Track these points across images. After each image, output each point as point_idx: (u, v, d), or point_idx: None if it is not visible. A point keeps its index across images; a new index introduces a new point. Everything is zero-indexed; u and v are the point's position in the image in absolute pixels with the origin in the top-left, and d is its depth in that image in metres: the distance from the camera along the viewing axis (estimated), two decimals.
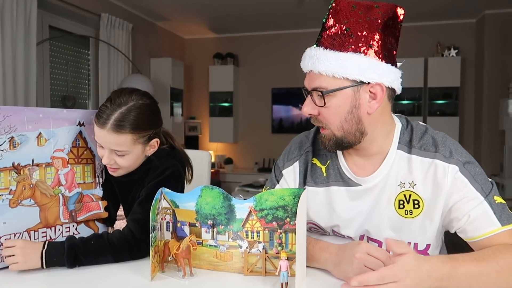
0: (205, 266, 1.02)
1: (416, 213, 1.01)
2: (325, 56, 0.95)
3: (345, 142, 1.00)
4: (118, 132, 1.12)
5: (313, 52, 0.98)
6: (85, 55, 4.41)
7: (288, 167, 1.16)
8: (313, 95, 0.99)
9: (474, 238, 0.96)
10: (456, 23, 5.39)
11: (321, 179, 1.10)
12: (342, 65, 0.93)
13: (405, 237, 1.03)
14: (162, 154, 1.25)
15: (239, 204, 0.98)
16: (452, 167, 0.97)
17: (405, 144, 1.04)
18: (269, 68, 6.03)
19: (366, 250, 0.89)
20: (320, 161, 1.12)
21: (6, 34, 3.15)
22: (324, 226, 1.11)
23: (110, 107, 1.13)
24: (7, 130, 1.03)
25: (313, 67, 0.96)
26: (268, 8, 4.89)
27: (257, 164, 6.14)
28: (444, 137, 1.03)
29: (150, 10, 5.03)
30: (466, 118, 5.42)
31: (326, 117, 0.99)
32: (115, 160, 1.16)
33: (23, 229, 1.07)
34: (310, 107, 1.00)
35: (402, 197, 1.02)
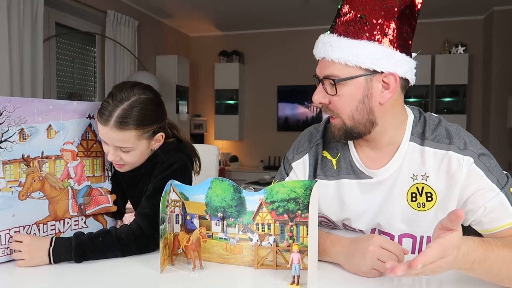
0: (215, 259, 1.01)
1: (429, 206, 1.00)
2: (339, 43, 0.93)
3: (355, 132, 0.98)
4: (122, 129, 1.10)
5: (327, 39, 0.96)
6: (91, 52, 4.42)
7: (298, 160, 1.14)
8: (324, 83, 0.97)
9: (490, 231, 0.95)
10: (464, 20, 5.35)
11: (332, 172, 1.09)
12: (356, 53, 0.91)
13: (417, 230, 1.02)
14: (169, 148, 1.24)
15: (249, 197, 0.97)
16: (466, 159, 0.96)
17: (418, 136, 1.02)
18: (275, 66, 6.01)
19: (379, 243, 0.88)
20: (330, 154, 1.10)
21: (13, 31, 3.16)
22: (335, 219, 1.10)
23: (112, 103, 1.10)
24: (17, 122, 1.03)
25: (326, 54, 0.95)
26: (274, 5, 4.88)
27: (263, 162, 6.13)
28: (458, 128, 1.01)
29: (156, 8, 5.03)
30: (474, 116, 5.38)
31: (337, 106, 0.97)
32: (121, 156, 1.15)
33: (32, 222, 1.07)
34: (321, 96, 0.98)
35: (414, 189, 1.00)
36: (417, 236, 1.03)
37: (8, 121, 1.01)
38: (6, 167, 1.02)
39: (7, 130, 1.01)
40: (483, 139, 5.27)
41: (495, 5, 4.87)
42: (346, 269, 0.94)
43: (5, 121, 1.01)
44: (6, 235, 1.02)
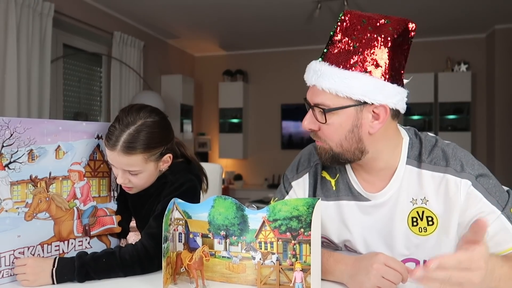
0: (217, 278, 1.02)
1: (430, 230, 0.99)
2: (330, 73, 0.93)
3: (342, 158, 0.99)
4: (129, 154, 1.11)
5: (318, 67, 0.95)
6: (97, 72, 4.50)
7: (298, 179, 1.15)
8: (314, 110, 0.97)
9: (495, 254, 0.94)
10: (466, 38, 5.40)
11: (331, 192, 1.09)
12: (347, 84, 0.91)
13: (421, 255, 1.01)
14: (178, 169, 1.24)
15: (252, 215, 0.98)
16: (464, 182, 0.94)
17: (414, 159, 1.01)
18: (278, 84, 6.07)
19: (384, 261, 0.87)
20: (329, 174, 1.10)
21: (21, 52, 3.24)
22: (337, 241, 1.10)
23: (118, 128, 1.12)
24: (26, 143, 1.05)
25: (317, 82, 0.95)
26: (277, 25, 4.96)
27: (267, 180, 6.13)
28: (454, 148, 1.00)
29: (161, 28, 5.13)
30: (478, 133, 5.37)
31: (326, 134, 0.98)
32: (129, 179, 1.16)
33: (37, 243, 1.08)
34: (311, 122, 0.99)
35: (415, 214, 0.99)
36: (420, 260, 1.02)
37: (18, 142, 1.03)
38: (13, 188, 1.04)
39: (17, 151, 1.04)
40: (488, 156, 5.25)
41: (497, 23, 4.92)
42: (350, 287, 0.94)
43: (15, 142, 1.03)
44: (10, 256, 1.03)
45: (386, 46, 0.91)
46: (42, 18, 3.42)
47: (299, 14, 4.57)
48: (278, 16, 4.62)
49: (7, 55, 3.13)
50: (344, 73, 0.91)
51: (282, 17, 4.66)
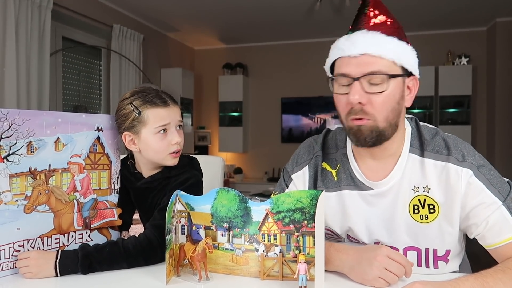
0: (221, 270, 1.01)
1: (432, 218, 0.99)
2: (385, 40, 0.92)
3: (384, 136, 0.96)
4: (175, 103, 1.22)
5: (369, 36, 0.93)
6: (97, 66, 4.47)
7: (298, 172, 1.14)
8: (362, 81, 0.92)
9: (493, 245, 0.94)
10: (467, 32, 5.37)
11: (332, 183, 1.08)
12: (403, 53, 0.94)
13: (422, 243, 1.01)
14: (182, 164, 1.25)
15: (255, 207, 0.97)
16: (465, 171, 0.95)
17: (417, 147, 1.02)
18: (279, 78, 6.04)
19: (387, 253, 0.88)
20: (330, 165, 1.10)
21: (20, 45, 3.21)
22: (339, 231, 1.09)
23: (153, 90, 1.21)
24: (25, 135, 1.04)
25: (372, 50, 0.91)
26: (277, 18, 4.93)
27: (267, 173, 6.12)
28: (455, 139, 1.01)
29: (161, 21, 5.09)
30: (479, 127, 5.36)
31: (375, 106, 0.92)
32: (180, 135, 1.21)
33: (37, 235, 1.07)
34: (362, 94, 0.91)
35: (416, 201, 1.00)
36: (422, 249, 1.02)
37: (16, 134, 1.02)
38: (12, 180, 1.03)
39: (15, 143, 1.02)
40: (488, 149, 5.24)
41: (498, 16, 4.89)
42: (351, 278, 0.94)
43: (13, 134, 1.02)
44: (10, 248, 1.03)
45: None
46: (41, 10, 3.39)
47: (299, 7, 4.53)
48: (278, 9, 4.58)
49: (6, 48, 3.10)
50: (401, 43, 0.94)
51: (282, 10, 4.63)
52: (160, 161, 1.20)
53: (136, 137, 1.19)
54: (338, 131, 1.15)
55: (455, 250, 1.02)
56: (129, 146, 1.21)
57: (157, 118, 1.17)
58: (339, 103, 0.97)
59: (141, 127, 1.17)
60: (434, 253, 1.01)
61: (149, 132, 1.17)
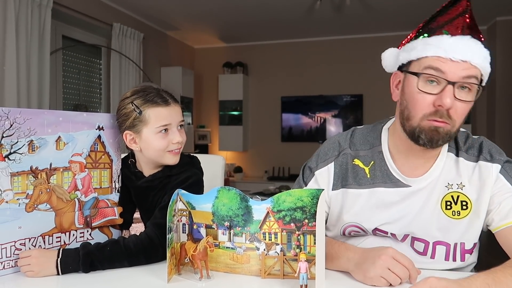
0: (221, 268, 1.01)
1: (464, 214, 1.03)
2: (481, 48, 0.94)
3: (453, 138, 1.01)
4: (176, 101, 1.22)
5: (473, 43, 0.94)
6: (97, 64, 4.47)
7: (322, 168, 1.13)
8: (456, 86, 0.92)
9: (498, 228, 0.99)
10: None
11: (365, 180, 1.08)
12: (487, 61, 0.95)
13: (451, 238, 1.04)
14: (183, 162, 1.25)
15: (256, 205, 0.97)
16: (495, 166, 1.02)
17: (453, 147, 1.07)
18: (279, 77, 6.04)
19: (393, 254, 0.89)
20: (363, 162, 1.10)
21: (21, 43, 3.21)
22: (367, 226, 1.09)
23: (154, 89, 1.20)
24: (26, 134, 1.04)
25: (473, 59, 0.92)
26: (278, 16, 4.92)
27: (267, 172, 6.12)
28: (485, 140, 1.08)
29: (160, 20, 5.09)
30: (479, 126, 5.36)
31: (460, 112, 0.95)
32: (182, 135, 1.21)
33: (38, 234, 1.07)
34: (453, 99, 0.92)
35: (449, 198, 1.03)
36: (451, 244, 1.05)
37: (18, 133, 1.02)
38: (14, 179, 1.03)
39: (17, 141, 1.03)
40: None
41: (498, 15, 4.89)
42: (354, 276, 0.94)
43: (14, 133, 1.02)
44: (12, 247, 1.03)
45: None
46: (41, 9, 3.38)
47: (299, 6, 4.53)
48: (279, 7, 4.58)
49: (6, 47, 3.10)
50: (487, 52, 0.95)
51: (282, 9, 4.63)
52: (160, 160, 1.21)
53: (137, 136, 1.19)
54: (368, 129, 1.15)
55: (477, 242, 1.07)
56: (130, 145, 1.22)
57: (159, 118, 1.17)
58: (421, 101, 0.95)
59: (142, 127, 1.17)
60: (461, 247, 1.04)
61: (150, 131, 1.17)
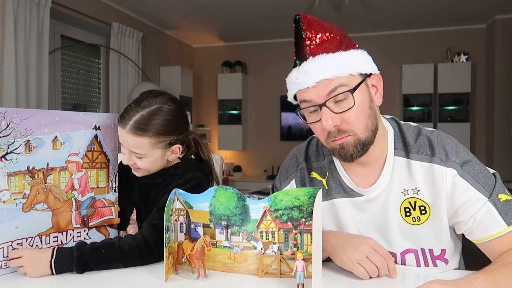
0: (219, 267, 1.01)
1: (424, 219, 1.00)
2: (332, 60, 0.91)
3: (367, 145, 0.95)
4: (137, 135, 1.12)
5: (315, 63, 0.91)
6: (95, 64, 4.47)
7: (286, 186, 1.15)
8: (329, 105, 0.91)
9: (481, 240, 0.96)
10: (466, 29, 5.37)
11: (324, 192, 1.07)
12: (353, 62, 0.93)
13: (418, 244, 1.02)
14: (190, 164, 1.25)
15: (253, 205, 0.97)
16: (450, 171, 0.95)
17: (401, 149, 1.01)
18: (278, 76, 6.03)
19: (373, 244, 0.92)
20: (319, 175, 1.10)
21: (19, 43, 3.21)
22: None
23: (133, 108, 1.13)
24: (23, 134, 1.04)
25: (325, 75, 0.90)
26: (277, 15, 4.92)
27: (266, 171, 6.13)
28: (438, 136, 1.00)
29: (159, 19, 5.09)
30: (478, 124, 5.36)
31: (352, 121, 0.92)
32: (134, 161, 1.17)
33: (35, 234, 1.07)
34: (334, 117, 0.91)
35: (407, 204, 1.00)
36: (418, 249, 1.03)
37: (14, 133, 1.02)
38: (11, 179, 1.03)
39: (13, 141, 1.02)
40: (487, 147, 5.25)
41: (497, 13, 4.89)
42: (333, 259, 0.96)
43: (11, 133, 1.02)
44: (9, 247, 1.03)
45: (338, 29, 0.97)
46: (40, 9, 3.38)
47: (298, 4, 4.53)
48: (278, 6, 4.58)
49: (4, 46, 3.10)
50: (345, 53, 0.93)
51: (281, 8, 4.63)
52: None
53: None
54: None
55: (450, 248, 1.03)
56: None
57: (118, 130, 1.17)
58: (315, 130, 0.98)
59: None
60: (430, 252, 1.02)
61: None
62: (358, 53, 0.95)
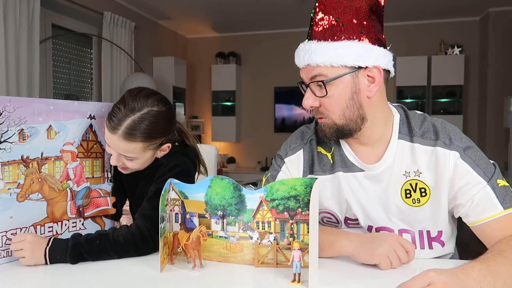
0: (215, 258, 1.02)
1: (423, 201, 1.03)
2: (321, 48, 0.96)
3: (346, 130, 1.01)
4: (129, 140, 1.09)
5: (307, 46, 0.99)
6: (87, 54, 4.41)
7: (291, 155, 1.15)
8: (312, 87, 1.00)
9: (476, 222, 0.98)
10: (460, 21, 5.38)
11: (328, 166, 1.10)
12: (339, 54, 0.95)
13: (415, 225, 1.05)
14: (173, 151, 1.23)
15: (249, 194, 0.97)
16: (453, 154, 0.99)
17: (406, 134, 1.05)
18: (272, 67, 6.02)
19: (397, 238, 0.96)
20: (325, 149, 1.12)
21: (9, 33, 3.15)
22: (339, 213, 1.11)
23: (123, 111, 1.08)
24: (17, 122, 1.03)
25: (310, 60, 0.98)
26: (271, 7, 4.89)
27: (260, 163, 6.13)
28: (443, 123, 1.05)
29: (153, 9, 5.03)
30: (470, 117, 5.40)
31: (327, 107, 1.00)
32: (124, 162, 1.15)
33: (30, 224, 1.07)
34: (311, 100, 1.00)
35: (408, 186, 1.03)
36: (415, 231, 1.06)
37: (8, 122, 1.01)
38: (4, 168, 1.02)
39: (7, 130, 1.01)
40: (479, 139, 5.29)
41: (491, 6, 4.90)
42: (356, 256, 0.96)
43: (4, 122, 1.00)
44: (3, 237, 1.02)
45: (364, 15, 0.97)
46: None
47: None
48: None
49: None
50: (334, 44, 0.96)
51: None
52: None
53: None
54: None
55: (447, 231, 1.06)
56: None
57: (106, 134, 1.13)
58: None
59: None
60: (428, 234, 1.05)
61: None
62: (357, 45, 0.95)
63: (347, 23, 0.96)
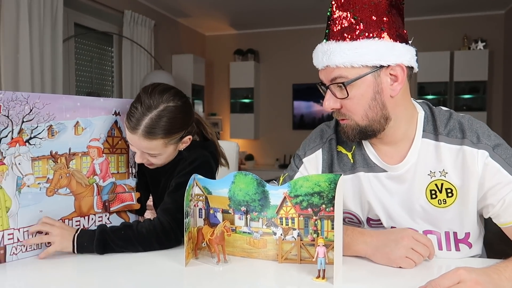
0: (238, 253, 1.02)
1: (450, 202, 0.99)
2: (340, 48, 0.93)
3: (370, 131, 0.98)
4: (150, 138, 1.11)
5: (326, 47, 0.96)
6: (108, 52, 4.48)
7: (310, 155, 1.13)
8: (332, 89, 0.97)
9: (508, 223, 0.95)
10: (484, 15, 5.24)
11: (348, 166, 1.08)
12: (359, 54, 0.92)
13: (442, 227, 1.02)
14: (193, 145, 1.24)
15: (273, 190, 0.98)
16: (481, 153, 0.95)
17: (431, 132, 1.01)
18: (290, 64, 6.00)
19: (412, 234, 0.93)
20: (345, 148, 1.10)
21: (34, 32, 3.23)
22: (361, 213, 1.09)
23: (140, 110, 1.10)
24: (46, 119, 1.05)
25: (329, 62, 0.95)
26: (289, 3, 4.87)
27: (278, 160, 6.13)
28: (470, 120, 1.01)
29: (171, 7, 5.07)
30: (494, 113, 5.27)
31: (349, 109, 0.97)
32: (148, 159, 1.17)
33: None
34: (332, 101, 0.97)
35: (433, 186, 1.00)
36: (441, 232, 1.02)
37: (37, 118, 1.04)
38: (34, 164, 1.05)
39: (37, 126, 1.04)
40: (504, 136, 5.15)
41: None
42: (375, 260, 0.95)
43: (34, 118, 1.03)
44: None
45: (384, 11, 0.94)
46: None
47: None
48: None
49: (19, 34, 3.12)
50: (353, 44, 0.93)
51: None
52: None
53: None
54: None
55: (474, 232, 1.03)
56: None
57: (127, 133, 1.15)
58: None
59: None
60: (454, 236, 1.02)
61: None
62: (377, 43, 0.92)
63: (366, 21, 0.92)
